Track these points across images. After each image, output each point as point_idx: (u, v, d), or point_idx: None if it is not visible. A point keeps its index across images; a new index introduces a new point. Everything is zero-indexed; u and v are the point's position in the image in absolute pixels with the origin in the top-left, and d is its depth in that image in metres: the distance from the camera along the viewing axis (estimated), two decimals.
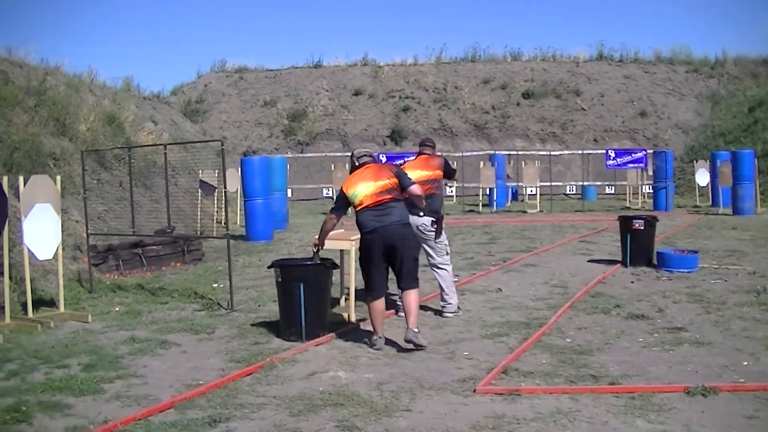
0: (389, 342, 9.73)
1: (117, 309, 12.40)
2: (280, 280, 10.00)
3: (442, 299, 11.51)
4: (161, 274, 16.28)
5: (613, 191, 41.16)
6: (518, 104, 46.96)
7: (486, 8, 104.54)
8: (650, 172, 35.89)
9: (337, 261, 11.17)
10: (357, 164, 9.97)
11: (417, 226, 10.81)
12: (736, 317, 10.93)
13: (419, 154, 11.89)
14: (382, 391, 7.72)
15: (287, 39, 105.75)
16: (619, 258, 16.45)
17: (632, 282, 14.14)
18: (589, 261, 16.96)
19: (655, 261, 15.78)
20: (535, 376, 8.12)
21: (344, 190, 9.83)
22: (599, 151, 38.66)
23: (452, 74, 48.86)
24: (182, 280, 15.36)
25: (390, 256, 9.53)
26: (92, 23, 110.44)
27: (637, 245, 15.88)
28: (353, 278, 11.24)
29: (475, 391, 7.62)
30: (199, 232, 22.80)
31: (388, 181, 9.59)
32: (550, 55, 51.11)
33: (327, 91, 47.71)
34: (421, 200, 10.12)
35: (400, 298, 10.21)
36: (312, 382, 8.08)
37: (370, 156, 10.09)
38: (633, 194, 37.05)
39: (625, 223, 16.20)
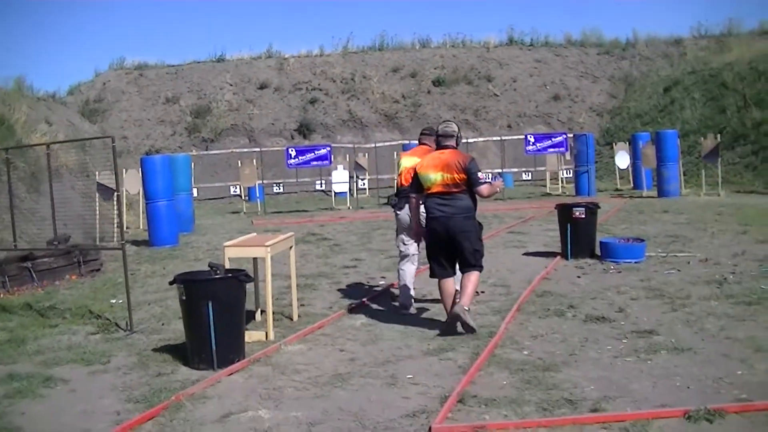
0: (320, 364, 8.30)
1: None
2: (184, 298, 8.43)
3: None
4: (54, 290, 14.45)
5: (530, 177, 39.95)
6: (429, 92, 45.71)
7: None
8: (568, 156, 34.93)
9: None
10: (439, 143, 9.91)
11: (400, 216, 10.96)
12: (707, 314, 9.73)
13: (420, 143, 11.32)
14: None
15: (188, 33, 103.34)
16: (557, 249, 15.28)
17: (579, 277, 12.85)
18: (524, 254, 15.68)
19: (598, 251, 14.55)
20: (500, 404, 6.69)
21: (417, 170, 9.85)
22: (517, 137, 37.50)
23: (360, 64, 47.38)
24: (77, 296, 13.59)
25: (450, 245, 9.56)
26: None
27: (579, 235, 14.64)
28: (270, 289, 9.67)
29: (430, 430, 6.16)
30: (98, 239, 21.06)
31: (457, 176, 9.44)
32: (460, 41, 49.91)
33: (231, 85, 45.93)
34: (485, 197, 9.87)
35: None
36: (228, 425, 6.56)
37: (452, 137, 9.83)
38: (551, 180, 35.93)
39: (565, 211, 14.94)
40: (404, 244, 10.96)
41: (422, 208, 10.09)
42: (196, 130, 43.35)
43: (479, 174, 9.52)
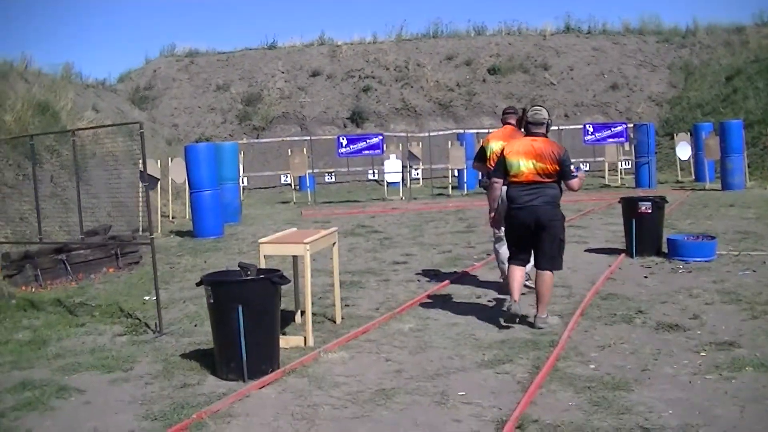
0: (362, 377, 7.44)
1: (21, 336, 9.96)
2: (212, 301, 7.62)
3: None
4: (89, 284, 13.72)
5: (588, 168, 38.62)
6: (484, 81, 44.57)
7: None
8: (626, 147, 33.90)
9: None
10: (529, 130, 9.50)
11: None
12: None
13: (505, 123, 11.33)
14: None
15: (239, 20, 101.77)
16: (620, 246, 14.39)
17: (646, 277, 11.88)
18: (586, 251, 14.72)
19: (665, 249, 13.59)
20: None
21: (505, 155, 9.39)
22: (574, 127, 36.37)
23: (414, 51, 46.31)
24: (111, 292, 12.85)
25: (535, 234, 9.18)
26: (31, 9, 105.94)
27: (644, 231, 13.61)
28: (309, 292, 8.78)
29: None
30: (141, 230, 20.38)
31: (550, 166, 9.08)
32: (516, 29, 48.55)
33: (283, 73, 45.15)
34: (575, 191, 9.83)
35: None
36: None
37: (542, 124, 9.42)
38: (610, 171, 34.77)
39: (630, 205, 13.92)
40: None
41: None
42: (246, 118, 42.64)
43: (572, 167, 9.23)
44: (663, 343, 8.13)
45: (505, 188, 9.54)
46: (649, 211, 13.61)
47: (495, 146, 10.60)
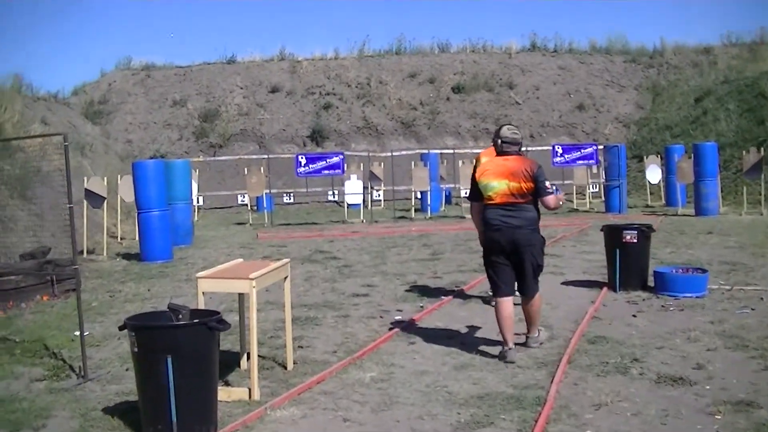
0: None
1: None
2: (136, 349, 6.37)
3: None
4: (18, 315, 12.30)
5: (555, 191, 37.60)
6: (448, 99, 43.65)
7: None
8: (595, 170, 32.96)
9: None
10: (501, 149, 8.96)
11: None
12: None
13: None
14: None
15: (198, 33, 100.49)
16: (599, 278, 13.34)
17: (635, 316, 10.66)
18: (563, 284, 13.53)
19: (650, 282, 12.48)
20: None
21: (477, 177, 9.03)
22: (540, 148, 35.35)
23: (376, 68, 45.32)
24: (40, 324, 11.46)
25: (513, 260, 8.81)
26: None
27: (629, 263, 12.42)
28: (255, 336, 7.51)
29: None
30: (85, 252, 19.11)
31: (524, 185, 8.69)
32: (481, 47, 47.81)
33: (241, 88, 43.94)
34: (551, 210, 9.31)
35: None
36: None
37: (516, 144, 8.98)
38: (578, 194, 33.71)
39: (613, 234, 12.77)
40: None
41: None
42: (203, 135, 41.38)
43: (547, 183, 8.75)
44: (668, 402, 6.94)
45: None
46: (635, 240, 12.47)
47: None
